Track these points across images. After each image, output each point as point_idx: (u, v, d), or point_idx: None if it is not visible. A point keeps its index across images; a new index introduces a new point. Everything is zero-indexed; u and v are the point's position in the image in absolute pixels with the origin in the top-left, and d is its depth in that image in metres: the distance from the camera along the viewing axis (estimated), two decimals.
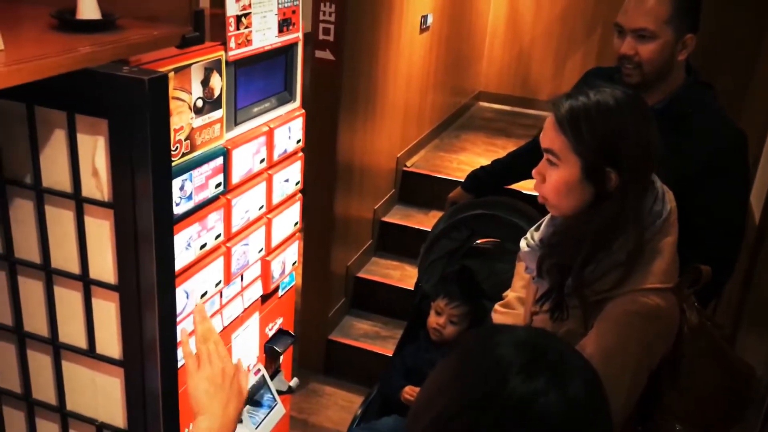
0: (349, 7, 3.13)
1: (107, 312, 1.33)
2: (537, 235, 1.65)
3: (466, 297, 2.39)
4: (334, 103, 3.28)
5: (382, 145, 3.99)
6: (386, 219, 4.21)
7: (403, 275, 4.00)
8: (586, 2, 5.33)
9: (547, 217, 1.67)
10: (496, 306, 1.92)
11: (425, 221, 4.16)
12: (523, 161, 2.59)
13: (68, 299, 1.35)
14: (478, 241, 2.60)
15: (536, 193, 1.60)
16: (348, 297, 3.94)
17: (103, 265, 1.29)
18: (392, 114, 4.01)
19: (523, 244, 1.67)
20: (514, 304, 1.91)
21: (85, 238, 1.28)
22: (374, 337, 3.82)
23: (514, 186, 2.58)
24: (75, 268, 1.32)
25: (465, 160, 4.72)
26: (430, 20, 4.22)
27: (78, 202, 1.25)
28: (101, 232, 1.26)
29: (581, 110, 1.44)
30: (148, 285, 1.24)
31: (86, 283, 1.31)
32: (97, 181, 1.23)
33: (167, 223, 1.27)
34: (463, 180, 2.69)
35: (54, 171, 1.25)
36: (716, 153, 1.98)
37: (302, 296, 3.70)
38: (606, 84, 1.51)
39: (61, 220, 1.29)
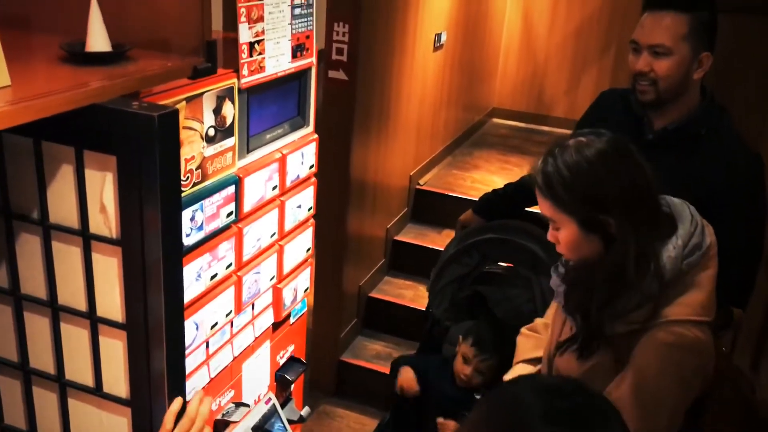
0: (362, 27, 3.10)
1: (114, 350, 1.30)
2: (562, 269, 1.64)
3: (496, 347, 2.30)
4: (348, 123, 3.26)
5: (395, 163, 3.96)
6: (399, 238, 4.17)
7: (416, 295, 3.95)
8: (600, 19, 5.29)
9: None
10: (523, 329, 1.91)
11: (438, 240, 4.11)
12: (533, 186, 2.56)
13: (75, 336, 1.32)
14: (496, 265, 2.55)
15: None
16: (360, 317, 3.89)
17: (111, 302, 1.26)
18: (405, 132, 3.98)
19: (554, 275, 1.66)
20: (540, 329, 1.87)
21: (93, 275, 1.25)
22: (387, 359, 3.77)
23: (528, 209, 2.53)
24: (82, 305, 1.28)
25: (479, 178, 4.68)
26: (443, 38, 4.19)
27: (85, 238, 1.22)
28: (109, 269, 1.23)
29: (552, 174, 1.46)
30: (156, 324, 1.21)
31: (93, 320, 1.28)
32: (105, 218, 1.20)
33: (176, 261, 1.24)
34: (476, 199, 2.65)
35: (61, 207, 1.22)
36: (732, 176, 1.94)
37: (314, 316, 3.66)
38: (581, 132, 1.51)
39: (68, 256, 1.26)
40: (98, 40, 1.23)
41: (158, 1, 1.30)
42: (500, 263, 2.50)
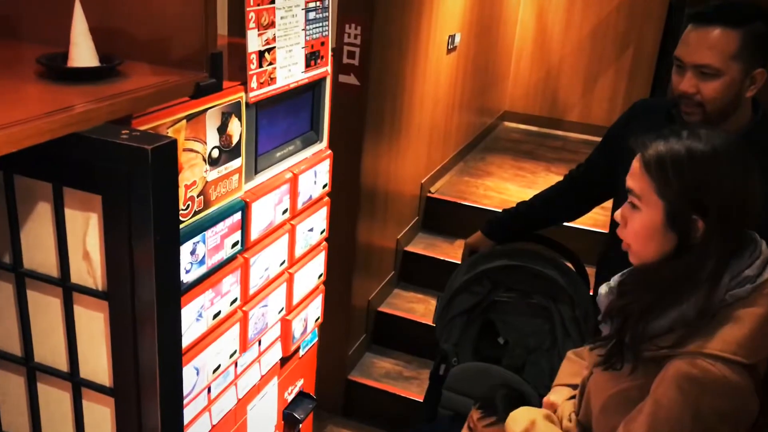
0: (375, 30, 2.91)
1: (101, 417, 1.11)
2: (617, 278, 1.50)
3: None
4: (359, 129, 3.06)
5: (407, 170, 3.77)
6: (409, 248, 3.97)
7: (428, 309, 3.76)
8: (617, 20, 5.09)
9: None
10: (569, 353, 1.76)
11: (450, 251, 3.92)
12: (554, 205, 2.37)
13: (55, 400, 1.13)
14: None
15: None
16: (369, 333, 3.70)
17: (97, 363, 1.07)
18: (418, 137, 3.79)
19: (603, 288, 1.51)
20: (586, 355, 1.70)
21: (75, 331, 1.06)
22: (396, 377, 3.59)
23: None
24: (63, 364, 1.09)
25: (492, 186, 4.48)
26: (457, 40, 3.99)
27: (66, 289, 1.03)
28: (93, 325, 1.04)
29: (670, 154, 1.32)
30: (148, 386, 1.02)
31: (75, 383, 1.09)
32: (89, 266, 1.01)
33: (173, 316, 1.05)
34: (489, 208, 2.46)
35: (38, 251, 1.03)
36: None
37: (321, 331, 3.47)
38: (703, 125, 1.40)
39: (46, 308, 1.07)
40: (83, 52, 1.04)
41: (155, 6, 1.11)
42: (513, 291, 2.29)
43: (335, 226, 3.24)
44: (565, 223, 2.44)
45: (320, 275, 1.97)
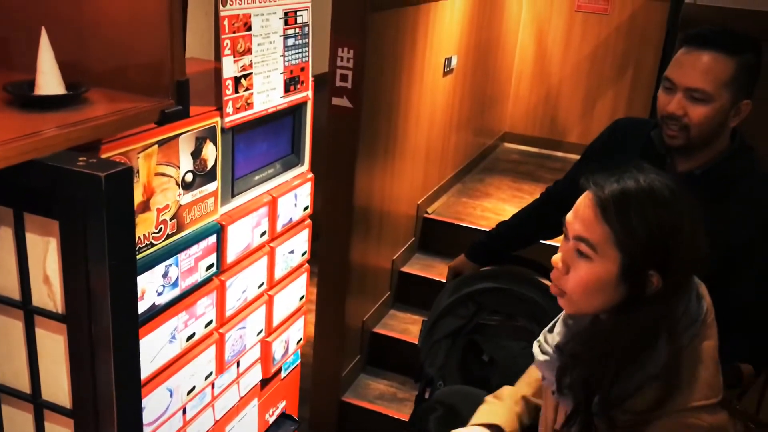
0: (368, 53, 2.94)
1: None
2: (552, 339, 1.39)
3: None
4: (351, 150, 3.08)
5: (402, 191, 3.79)
6: (405, 269, 3.98)
7: None
8: (616, 43, 5.12)
9: (561, 315, 1.41)
10: (487, 397, 1.68)
11: (446, 272, 3.92)
12: (532, 223, 2.37)
13: (20, 421, 1.14)
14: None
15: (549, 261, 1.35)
16: (363, 354, 3.70)
17: (57, 385, 1.08)
18: (413, 159, 3.81)
19: (536, 350, 1.41)
20: (504, 396, 1.65)
21: (36, 353, 1.07)
22: (391, 399, 3.58)
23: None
24: (26, 386, 1.11)
25: (490, 207, 4.49)
26: (454, 62, 4.02)
27: (27, 312, 1.05)
28: (55, 347, 1.06)
29: (632, 197, 1.19)
30: (105, 410, 1.03)
31: (37, 404, 1.10)
32: (49, 290, 1.03)
33: (129, 341, 1.06)
34: (486, 229, 2.46)
35: (1, 274, 1.05)
36: (766, 224, 1.76)
37: (314, 352, 3.48)
38: (649, 166, 1.25)
39: (10, 330, 1.09)
40: (49, 80, 1.07)
41: (121, 34, 1.14)
42: (498, 314, 2.29)
43: (328, 247, 3.27)
44: (548, 242, 2.45)
45: (302, 297, 1.99)
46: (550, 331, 1.42)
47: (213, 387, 1.68)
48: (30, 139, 0.91)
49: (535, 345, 1.42)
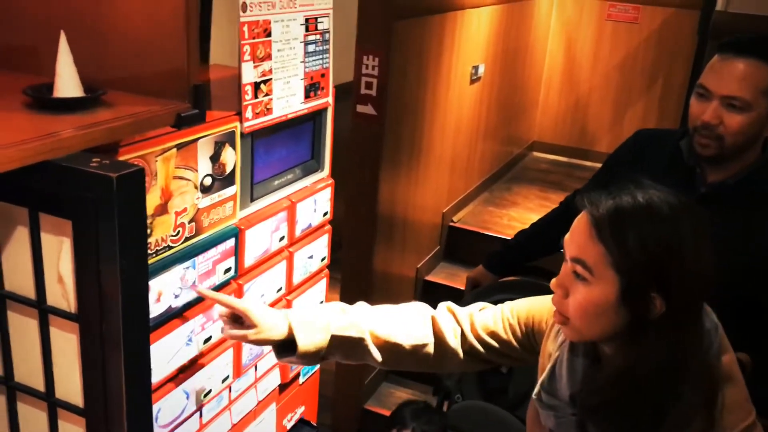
0: (393, 60, 2.95)
1: None
2: (561, 389, 1.28)
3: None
4: (375, 158, 3.09)
5: (427, 199, 3.78)
6: (430, 278, 3.97)
7: None
8: (646, 52, 5.07)
9: (562, 359, 1.29)
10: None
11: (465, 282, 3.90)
12: (551, 232, 2.32)
13: (33, 419, 1.16)
14: None
15: None
16: None
17: (70, 384, 1.10)
18: (438, 167, 3.80)
19: (538, 403, 1.32)
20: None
21: (50, 352, 1.09)
22: None
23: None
24: (41, 384, 1.12)
25: (516, 216, 4.46)
26: (481, 70, 4.02)
27: (42, 311, 1.07)
28: (68, 346, 1.07)
29: (628, 214, 1.12)
30: (116, 411, 1.04)
31: (51, 403, 1.12)
32: (63, 289, 1.04)
33: (140, 343, 1.07)
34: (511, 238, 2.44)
35: (18, 273, 1.07)
36: None
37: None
38: (649, 182, 1.18)
39: (26, 329, 1.10)
40: (67, 83, 1.09)
41: (140, 39, 1.15)
42: None
43: (351, 255, 3.28)
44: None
45: (321, 302, 1.99)
46: (550, 379, 1.31)
47: (230, 390, 1.69)
48: (45, 140, 0.93)
49: (535, 396, 1.33)
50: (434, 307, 1.56)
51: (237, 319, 1.42)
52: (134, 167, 0.97)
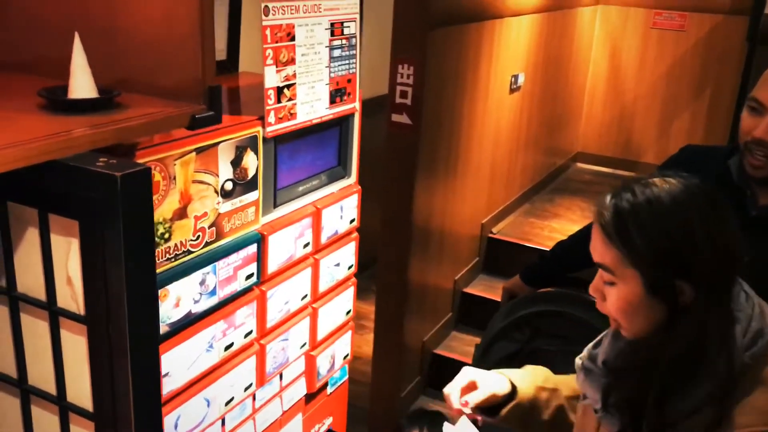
0: (429, 69, 2.92)
1: None
2: (597, 355, 1.32)
3: None
4: (410, 168, 3.06)
5: (465, 210, 3.73)
6: (468, 290, 3.91)
7: None
8: (693, 61, 4.93)
9: (610, 331, 1.34)
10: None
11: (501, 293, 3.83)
12: (587, 243, 2.24)
13: (46, 422, 1.15)
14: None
15: None
16: (423, 375, 3.64)
17: (81, 387, 1.09)
18: (477, 177, 3.75)
19: (578, 365, 1.35)
20: (539, 373, 1.58)
21: (61, 354, 1.08)
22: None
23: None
24: (53, 387, 1.12)
25: (558, 228, 4.37)
26: (521, 80, 3.96)
27: (52, 313, 1.06)
28: (78, 349, 1.07)
29: (628, 213, 1.14)
30: (124, 418, 1.02)
31: (63, 407, 1.11)
32: (72, 291, 1.03)
33: (149, 344, 1.06)
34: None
35: (29, 275, 1.07)
36: None
37: (373, 371, 3.45)
38: (666, 171, 1.20)
39: (38, 331, 1.10)
40: (81, 84, 1.09)
41: (155, 41, 1.15)
42: (555, 339, 2.19)
43: (386, 265, 3.24)
44: None
45: (348, 311, 1.96)
46: (596, 346, 1.36)
47: (254, 399, 1.67)
48: (51, 139, 0.92)
49: (577, 360, 1.36)
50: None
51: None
52: (140, 166, 0.96)
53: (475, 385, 1.46)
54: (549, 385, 1.52)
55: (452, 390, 1.49)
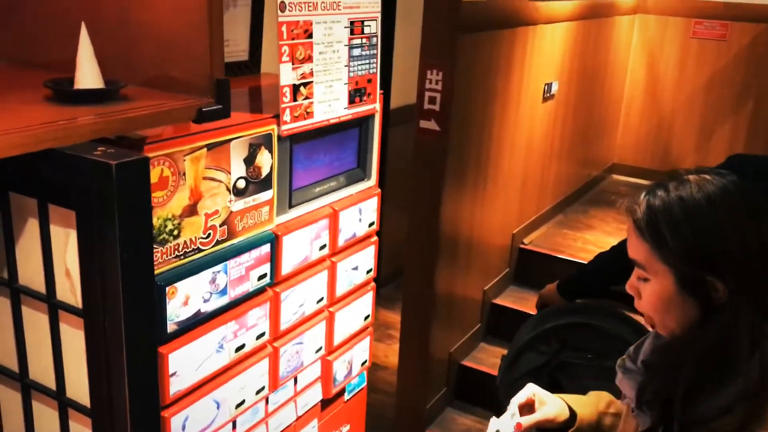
0: (458, 74, 2.88)
1: None
2: (640, 355, 1.32)
3: None
4: (438, 175, 3.02)
5: (495, 219, 3.67)
6: (498, 301, 3.84)
7: None
8: (735, 71, 4.81)
9: (652, 332, 1.34)
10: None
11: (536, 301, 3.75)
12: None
13: (47, 417, 1.13)
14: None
15: None
16: (450, 387, 3.58)
17: (80, 383, 1.07)
18: (507, 187, 3.69)
19: (619, 364, 1.35)
20: (591, 394, 1.57)
21: (61, 349, 1.06)
22: None
23: None
24: (52, 382, 1.10)
25: (591, 239, 4.28)
26: (555, 88, 3.89)
27: (51, 306, 1.04)
28: (76, 343, 1.05)
29: (660, 210, 1.17)
30: (120, 415, 1.00)
31: (62, 403, 1.09)
32: (71, 283, 1.02)
33: (144, 341, 1.03)
34: (585, 262, 2.29)
35: (30, 267, 1.06)
36: None
37: (398, 381, 3.40)
38: (701, 168, 1.22)
39: (38, 325, 1.08)
40: (88, 75, 1.07)
41: (163, 34, 1.13)
42: (584, 352, 2.12)
43: (412, 273, 3.20)
44: None
45: (367, 317, 1.92)
46: (638, 348, 1.35)
47: (267, 403, 1.64)
48: (49, 127, 0.91)
49: (619, 361, 1.37)
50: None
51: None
52: (136, 155, 0.94)
53: (533, 405, 1.47)
54: (612, 410, 1.52)
55: (512, 405, 1.49)
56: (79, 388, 1.08)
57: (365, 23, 1.67)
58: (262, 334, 1.55)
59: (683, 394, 1.16)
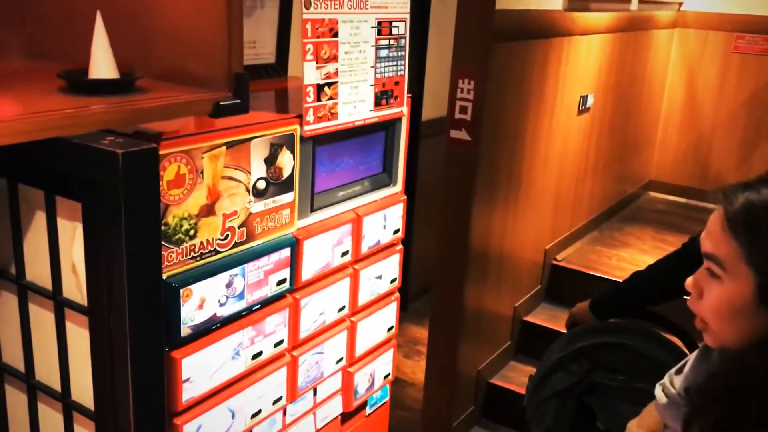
0: (490, 84, 2.82)
1: None
2: (679, 381, 1.22)
3: None
4: (469, 186, 2.95)
5: (527, 234, 3.58)
6: (529, 318, 3.74)
7: None
8: None
9: (695, 354, 1.24)
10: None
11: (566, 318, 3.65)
12: (672, 276, 2.06)
13: (52, 420, 1.09)
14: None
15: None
16: (478, 405, 3.49)
17: (84, 384, 1.02)
18: (540, 201, 3.60)
19: (659, 392, 1.24)
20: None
21: (66, 349, 1.02)
22: None
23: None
24: (57, 383, 1.06)
25: (626, 257, 4.17)
26: (590, 101, 3.81)
27: (57, 303, 1.00)
28: (81, 342, 1.00)
29: (763, 208, 1.06)
30: (123, 420, 0.95)
31: (66, 405, 1.05)
32: (77, 280, 0.97)
33: (151, 341, 0.98)
34: (620, 280, 2.20)
35: (37, 262, 1.02)
36: None
37: (424, 397, 3.32)
38: None
39: (45, 323, 1.04)
40: (102, 66, 1.04)
41: (181, 26, 1.10)
42: (616, 373, 2.02)
43: (441, 288, 3.13)
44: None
45: (390, 328, 1.86)
46: (678, 372, 1.25)
47: (284, 414, 1.58)
48: (55, 114, 0.87)
49: (658, 387, 1.26)
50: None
51: None
52: (145, 144, 0.89)
53: None
54: None
55: None
56: (84, 390, 1.03)
57: (393, 24, 1.62)
58: (281, 342, 1.50)
59: (750, 427, 1.04)
